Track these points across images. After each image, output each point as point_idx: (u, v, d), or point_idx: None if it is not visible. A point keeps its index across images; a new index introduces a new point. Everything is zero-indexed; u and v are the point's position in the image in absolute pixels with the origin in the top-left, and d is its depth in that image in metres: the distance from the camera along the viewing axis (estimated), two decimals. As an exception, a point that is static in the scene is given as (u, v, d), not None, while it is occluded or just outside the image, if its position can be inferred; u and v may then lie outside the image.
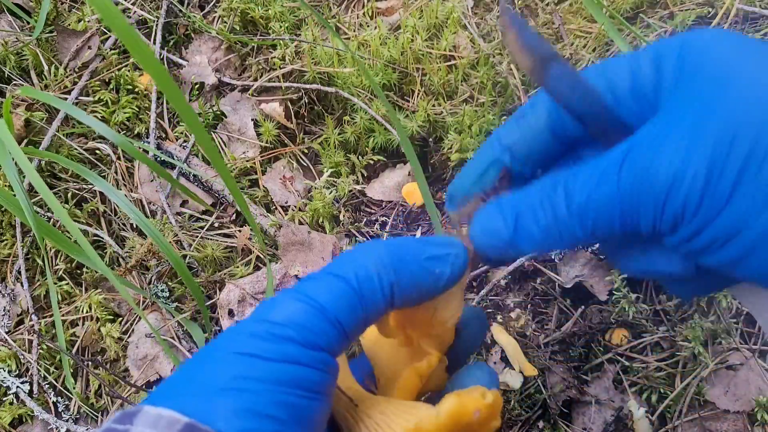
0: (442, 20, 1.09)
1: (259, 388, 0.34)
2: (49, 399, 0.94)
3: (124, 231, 1.04)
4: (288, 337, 0.36)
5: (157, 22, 1.15)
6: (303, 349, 0.36)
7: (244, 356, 0.35)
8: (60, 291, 0.99)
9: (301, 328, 0.36)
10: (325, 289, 0.38)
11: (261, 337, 0.36)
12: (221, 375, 0.35)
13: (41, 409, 0.92)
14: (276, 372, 0.35)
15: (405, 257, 0.40)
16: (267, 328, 0.36)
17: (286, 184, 1.07)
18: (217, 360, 0.36)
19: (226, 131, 1.11)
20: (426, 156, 1.07)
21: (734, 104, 0.32)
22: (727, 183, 0.32)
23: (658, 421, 0.86)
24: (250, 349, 0.36)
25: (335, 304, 0.37)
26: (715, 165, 0.32)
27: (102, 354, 0.98)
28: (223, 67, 1.15)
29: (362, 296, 0.38)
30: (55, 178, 1.06)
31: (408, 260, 0.40)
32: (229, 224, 1.06)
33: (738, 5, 1.00)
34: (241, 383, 0.34)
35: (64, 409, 0.94)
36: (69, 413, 0.94)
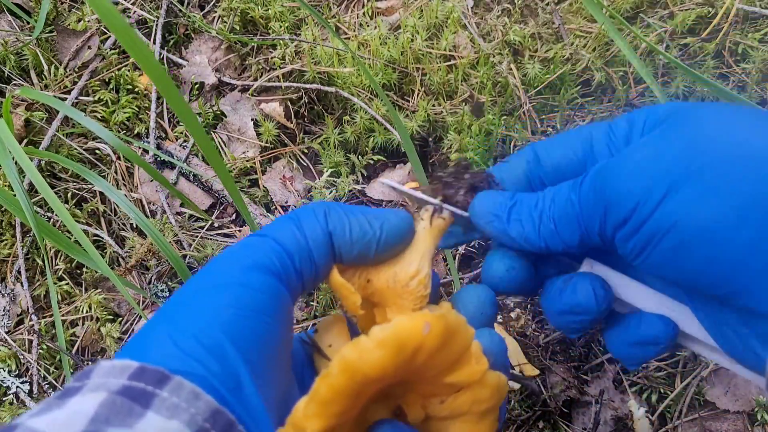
0: (442, 20, 1.09)
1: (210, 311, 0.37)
2: (49, 399, 0.94)
3: (123, 231, 1.04)
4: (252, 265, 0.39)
5: (156, 21, 1.15)
6: (242, 272, 0.39)
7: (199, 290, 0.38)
8: (60, 291, 0.99)
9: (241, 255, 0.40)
10: (269, 225, 0.43)
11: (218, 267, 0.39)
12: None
13: (41, 409, 0.92)
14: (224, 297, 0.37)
15: (348, 205, 0.45)
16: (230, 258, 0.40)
17: (286, 183, 1.07)
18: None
19: (226, 131, 1.11)
20: (426, 155, 1.07)
21: (679, 137, 0.38)
22: (662, 189, 0.38)
23: (658, 421, 0.86)
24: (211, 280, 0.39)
25: (275, 231, 0.42)
26: (655, 174, 0.38)
27: (102, 354, 0.98)
28: (223, 67, 1.15)
29: (298, 221, 0.42)
30: (55, 178, 1.06)
31: (344, 205, 0.45)
32: (229, 224, 1.06)
33: (738, 5, 1.00)
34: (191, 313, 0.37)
35: (64, 409, 0.94)
36: (69, 413, 0.94)
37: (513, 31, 1.06)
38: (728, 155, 0.36)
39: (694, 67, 1.02)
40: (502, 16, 1.10)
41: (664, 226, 0.37)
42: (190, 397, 0.33)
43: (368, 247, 0.43)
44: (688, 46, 1.03)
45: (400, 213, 0.45)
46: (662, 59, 1.03)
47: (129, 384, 0.33)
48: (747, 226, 0.35)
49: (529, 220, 0.45)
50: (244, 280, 0.38)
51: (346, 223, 0.43)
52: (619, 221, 0.40)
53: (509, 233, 0.45)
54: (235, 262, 0.40)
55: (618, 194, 0.39)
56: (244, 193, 1.05)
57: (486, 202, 0.47)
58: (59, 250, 0.99)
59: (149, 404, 0.32)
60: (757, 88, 0.99)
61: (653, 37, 1.03)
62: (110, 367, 0.34)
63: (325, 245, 0.42)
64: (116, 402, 0.32)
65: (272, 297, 0.39)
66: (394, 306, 0.45)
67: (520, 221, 0.45)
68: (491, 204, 0.47)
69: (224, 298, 0.37)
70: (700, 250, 0.36)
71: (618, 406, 0.87)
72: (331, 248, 0.43)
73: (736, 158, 0.36)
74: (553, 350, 0.90)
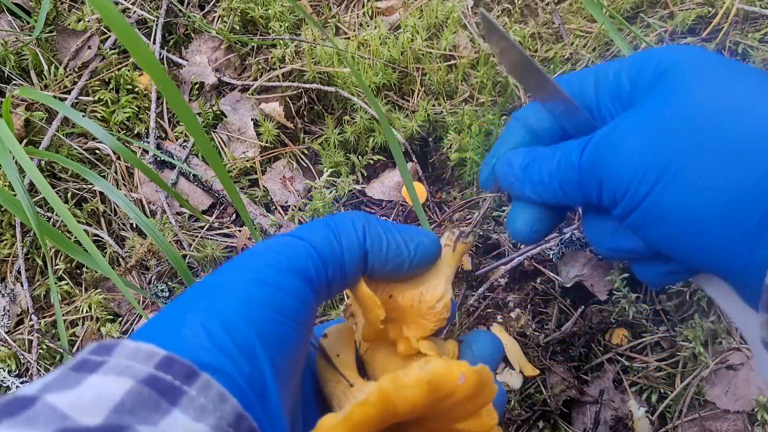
0: (442, 20, 1.09)
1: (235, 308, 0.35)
2: (49, 399, 0.94)
3: (123, 231, 1.04)
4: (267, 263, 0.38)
5: (156, 21, 1.15)
6: (279, 273, 0.38)
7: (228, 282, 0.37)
8: (60, 291, 0.99)
9: (278, 255, 0.39)
10: (305, 228, 0.42)
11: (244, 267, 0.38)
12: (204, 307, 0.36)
13: (41, 409, 0.92)
14: (259, 295, 0.36)
15: (385, 222, 0.45)
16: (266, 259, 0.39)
17: (286, 183, 1.07)
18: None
19: (225, 131, 1.11)
20: (426, 155, 1.07)
21: (674, 111, 0.38)
22: (653, 174, 0.37)
23: (658, 421, 0.87)
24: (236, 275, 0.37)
25: (312, 235, 0.41)
26: (645, 157, 0.38)
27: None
28: (222, 67, 1.15)
29: (336, 229, 0.42)
30: (55, 177, 1.06)
31: (388, 223, 0.45)
32: (229, 224, 1.06)
33: (738, 5, 1.00)
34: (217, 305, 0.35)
35: (64, 409, 0.94)
36: (69, 413, 0.94)
37: (513, 30, 1.06)
38: (722, 139, 0.36)
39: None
40: (502, 15, 1.10)
41: (655, 215, 0.38)
42: (217, 400, 0.31)
43: (401, 267, 0.44)
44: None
45: (431, 235, 0.46)
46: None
47: (155, 374, 0.31)
48: (734, 223, 0.35)
49: (539, 181, 0.46)
50: (281, 282, 0.37)
51: (384, 240, 0.43)
52: (612, 200, 0.41)
53: (525, 192, 0.47)
54: (271, 261, 0.39)
55: (611, 175, 0.40)
56: (243, 193, 1.05)
57: (503, 164, 0.48)
58: (59, 250, 0.99)
59: (177, 401, 0.31)
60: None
61: (653, 37, 1.03)
62: (135, 349, 0.32)
63: (359, 259, 0.42)
64: (143, 393, 0.30)
65: (303, 304, 0.38)
66: (413, 324, 0.45)
67: (533, 181, 0.46)
68: (507, 165, 0.48)
69: (259, 296, 0.36)
70: (691, 241, 0.37)
71: (618, 406, 0.87)
72: (363, 262, 0.43)
73: (729, 143, 0.36)
74: (553, 350, 0.90)
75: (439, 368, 0.37)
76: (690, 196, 0.36)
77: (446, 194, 1.05)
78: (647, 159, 0.38)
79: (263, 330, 0.35)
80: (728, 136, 0.36)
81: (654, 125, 0.38)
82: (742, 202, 0.35)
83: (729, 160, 0.35)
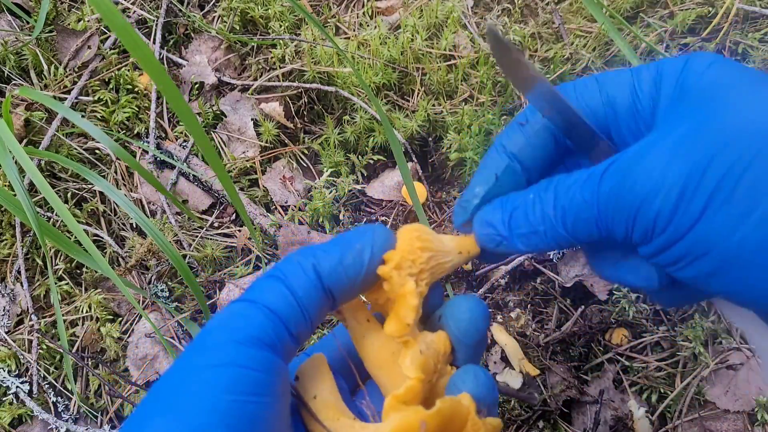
0: (442, 20, 1.09)
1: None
2: (48, 399, 0.94)
3: (123, 231, 1.04)
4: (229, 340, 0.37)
5: (156, 21, 1.15)
6: (238, 349, 0.36)
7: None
8: (59, 291, 0.99)
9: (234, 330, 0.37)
10: (255, 287, 0.40)
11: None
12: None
13: (41, 409, 0.92)
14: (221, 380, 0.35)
15: (325, 245, 0.41)
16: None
17: (286, 183, 1.07)
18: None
19: (225, 131, 1.11)
20: (425, 155, 1.07)
21: (720, 128, 0.33)
22: (700, 201, 0.33)
23: (658, 421, 0.86)
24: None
25: (264, 296, 0.39)
26: (690, 182, 0.33)
27: (102, 354, 0.98)
28: (222, 67, 1.15)
29: (286, 280, 0.39)
30: (55, 177, 1.06)
31: (328, 245, 0.41)
32: (228, 224, 1.06)
33: (738, 5, 1.00)
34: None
35: (64, 409, 0.94)
36: (69, 413, 0.94)
37: (513, 30, 1.06)
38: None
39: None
40: (502, 15, 1.10)
41: (699, 249, 0.34)
42: None
43: (368, 281, 0.42)
44: (688, 45, 1.03)
45: (379, 229, 0.42)
46: (662, 59, 1.02)
47: None
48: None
49: (532, 231, 0.41)
50: (240, 359, 0.36)
51: (342, 270, 0.40)
52: (646, 234, 0.35)
53: (518, 248, 0.43)
54: (228, 337, 0.37)
55: (649, 205, 0.34)
56: (243, 193, 1.05)
57: (484, 226, 0.44)
58: (59, 250, 0.99)
59: None
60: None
61: (653, 36, 1.03)
62: None
63: (319, 299, 0.40)
64: None
65: (269, 373, 0.37)
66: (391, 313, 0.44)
67: (523, 235, 0.42)
68: (488, 225, 0.44)
69: (220, 381, 0.35)
70: (736, 276, 0.33)
71: (618, 406, 0.87)
72: (330, 297, 0.40)
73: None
74: (553, 350, 0.90)
75: (397, 424, 0.38)
76: (743, 226, 0.32)
77: (446, 194, 1.05)
78: (692, 183, 0.33)
79: (230, 419, 0.34)
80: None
81: (696, 145, 0.33)
82: None
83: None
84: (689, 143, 0.34)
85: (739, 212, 0.32)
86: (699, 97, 0.36)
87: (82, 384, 0.96)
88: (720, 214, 0.32)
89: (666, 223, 0.34)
